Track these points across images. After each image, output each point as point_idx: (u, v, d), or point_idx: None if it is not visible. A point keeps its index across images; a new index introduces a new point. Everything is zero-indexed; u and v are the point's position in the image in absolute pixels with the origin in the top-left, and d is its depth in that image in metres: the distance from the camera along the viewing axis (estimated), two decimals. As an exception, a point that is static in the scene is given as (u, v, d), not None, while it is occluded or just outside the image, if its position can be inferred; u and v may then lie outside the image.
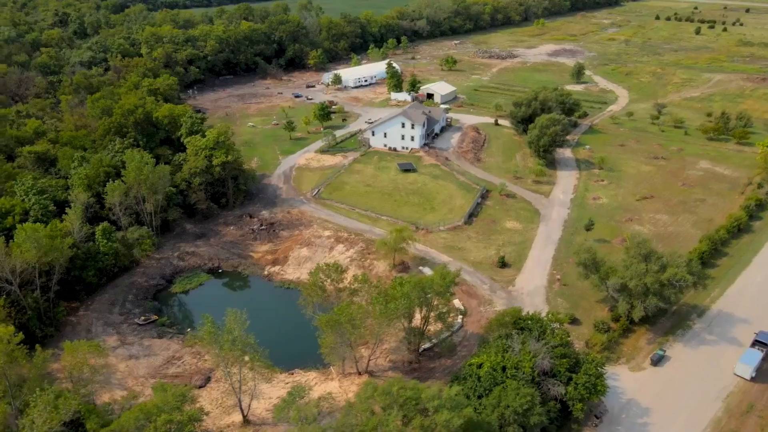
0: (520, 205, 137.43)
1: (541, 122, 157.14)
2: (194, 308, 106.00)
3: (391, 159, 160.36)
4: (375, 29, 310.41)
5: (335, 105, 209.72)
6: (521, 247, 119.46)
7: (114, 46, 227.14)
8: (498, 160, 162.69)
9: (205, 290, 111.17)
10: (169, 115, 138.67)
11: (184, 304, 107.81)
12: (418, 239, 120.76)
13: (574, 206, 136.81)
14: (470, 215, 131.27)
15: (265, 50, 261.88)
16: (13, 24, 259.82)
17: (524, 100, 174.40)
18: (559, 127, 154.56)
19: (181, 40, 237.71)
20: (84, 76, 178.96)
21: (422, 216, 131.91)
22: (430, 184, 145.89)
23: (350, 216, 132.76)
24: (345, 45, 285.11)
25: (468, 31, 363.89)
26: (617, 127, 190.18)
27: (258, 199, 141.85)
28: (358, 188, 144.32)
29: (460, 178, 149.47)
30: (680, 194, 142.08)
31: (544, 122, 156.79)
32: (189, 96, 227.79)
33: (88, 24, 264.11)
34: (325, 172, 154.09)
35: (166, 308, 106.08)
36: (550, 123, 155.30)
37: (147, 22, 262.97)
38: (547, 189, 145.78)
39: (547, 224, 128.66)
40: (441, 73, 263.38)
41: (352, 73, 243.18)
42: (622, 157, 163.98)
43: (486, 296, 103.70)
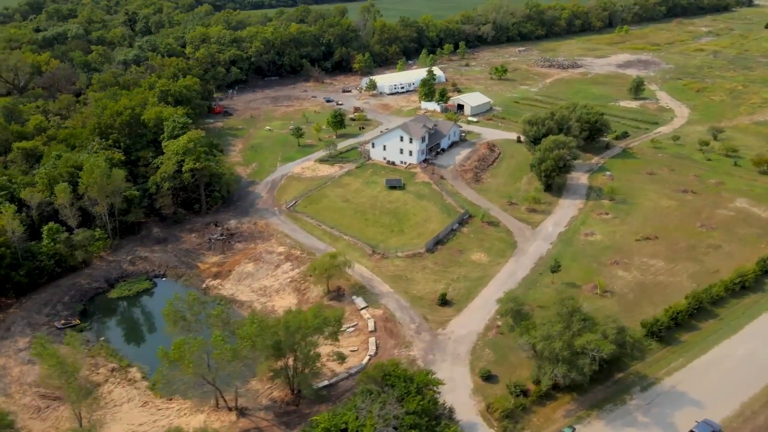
0: (500, 235, 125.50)
1: (546, 144, 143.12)
2: (120, 316, 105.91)
3: (384, 173, 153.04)
4: (433, 34, 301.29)
5: (360, 112, 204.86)
6: (476, 284, 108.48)
7: (162, 46, 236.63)
8: (500, 182, 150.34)
9: (140, 298, 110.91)
10: (156, 117, 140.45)
11: (113, 310, 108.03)
12: (367, 264, 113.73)
13: (559, 241, 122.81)
14: (437, 242, 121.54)
15: (312, 52, 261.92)
16: (88, 21, 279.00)
17: (537, 118, 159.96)
18: (564, 151, 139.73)
19: (227, 40, 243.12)
20: (113, 75, 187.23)
21: (387, 239, 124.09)
22: (410, 204, 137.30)
23: (313, 233, 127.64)
24: (396, 49, 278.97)
25: (539, 37, 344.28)
26: (656, 152, 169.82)
27: (234, 207, 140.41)
28: (335, 203, 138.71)
29: (447, 199, 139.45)
30: (693, 237, 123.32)
31: (548, 144, 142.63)
32: (227, 96, 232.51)
33: (152, 23, 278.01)
34: (312, 183, 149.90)
35: (98, 313, 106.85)
36: (554, 145, 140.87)
37: (202, 22, 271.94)
38: (539, 219, 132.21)
39: (518, 260, 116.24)
40: (489, 82, 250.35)
41: (388, 79, 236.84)
42: (645, 188, 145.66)
43: (407, 338, 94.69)
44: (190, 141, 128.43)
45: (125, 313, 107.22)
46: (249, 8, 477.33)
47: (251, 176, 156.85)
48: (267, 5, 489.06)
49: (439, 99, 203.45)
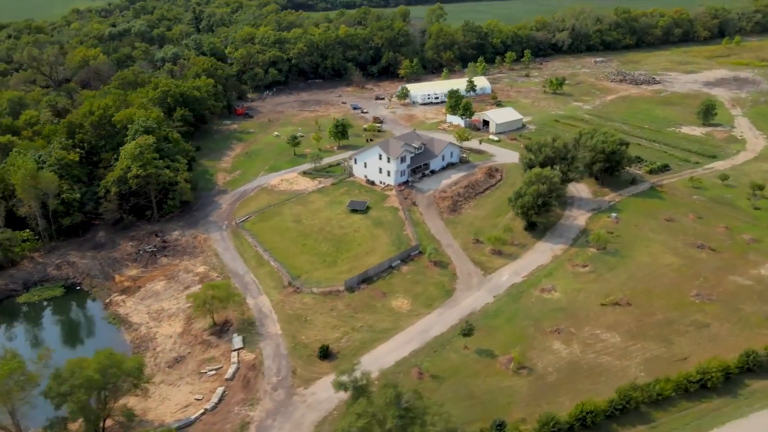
0: (441, 279, 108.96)
1: (527, 177, 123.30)
2: (14, 323, 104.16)
3: (357, 193, 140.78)
4: (496, 40, 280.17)
5: (375, 122, 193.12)
6: (376, 337, 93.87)
7: (206, 44, 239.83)
8: (481, 215, 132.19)
9: (44, 307, 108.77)
10: (125, 119, 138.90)
11: (13, 315, 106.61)
12: (274, 298, 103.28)
13: (505, 295, 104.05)
14: (364, 280, 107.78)
15: (359, 56, 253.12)
16: (159, 19, 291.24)
17: (535, 144, 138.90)
18: (544, 187, 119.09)
19: (270, 41, 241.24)
20: (134, 73, 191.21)
21: (314, 269, 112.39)
22: (362, 232, 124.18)
23: (243, 254, 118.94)
24: (451, 56, 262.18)
25: (627, 47, 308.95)
26: (692, 192, 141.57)
27: (189, 217, 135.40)
28: (284, 224, 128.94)
29: (406, 230, 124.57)
30: (677, 309, 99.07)
31: (529, 177, 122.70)
32: (261, 97, 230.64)
33: (214, 22, 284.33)
34: (280, 198, 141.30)
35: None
36: (536, 179, 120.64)
37: (255, 22, 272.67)
38: (498, 264, 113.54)
39: (444, 313, 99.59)
40: (540, 95, 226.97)
41: (422, 89, 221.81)
42: (651, 238, 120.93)
43: (259, 393, 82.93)
44: (136, 147, 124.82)
45: (21, 320, 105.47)
46: (340, 7, 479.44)
47: (227, 185, 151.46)
48: (357, 5, 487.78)
49: (463, 113, 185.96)
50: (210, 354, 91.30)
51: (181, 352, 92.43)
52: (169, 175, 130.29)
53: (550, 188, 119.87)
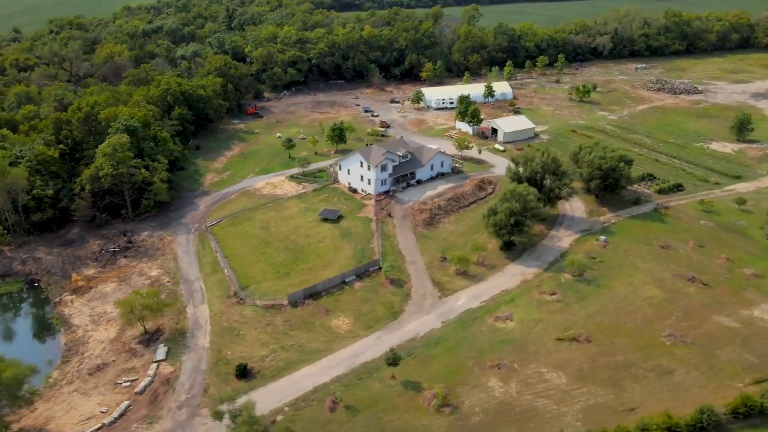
0: (393, 299, 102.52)
1: (501, 193, 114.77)
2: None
3: (336, 201, 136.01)
4: (529, 43, 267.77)
5: (377, 126, 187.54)
6: (303, 358, 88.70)
7: (227, 43, 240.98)
8: (458, 230, 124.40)
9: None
10: (110, 117, 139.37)
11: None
12: (216, 308, 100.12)
13: (455, 320, 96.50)
14: (311, 295, 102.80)
15: (382, 58, 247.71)
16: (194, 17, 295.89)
17: (521, 157, 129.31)
18: (517, 205, 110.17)
19: (292, 41, 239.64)
20: (145, 71, 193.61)
21: (265, 280, 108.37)
22: (326, 242, 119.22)
23: (202, 259, 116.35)
24: (479, 59, 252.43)
25: (676, 53, 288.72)
26: (699, 217, 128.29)
27: (164, 218, 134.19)
28: (252, 229, 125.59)
29: (373, 243, 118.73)
30: (642, 350, 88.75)
31: (503, 194, 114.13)
32: (278, 97, 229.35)
33: (244, 20, 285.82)
34: (259, 202, 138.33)
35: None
36: (509, 196, 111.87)
37: (282, 21, 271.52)
38: (459, 286, 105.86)
39: (382, 337, 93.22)
40: (565, 103, 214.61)
41: (437, 93, 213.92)
42: (637, 267, 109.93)
43: (164, 411, 79.44)
44: (109, 145, 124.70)
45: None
46: (387, 7, 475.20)
47: (212, 186, 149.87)
48: (406, 5, 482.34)
49: (470, 120, 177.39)
50: (132, 364, 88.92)
51: (105, 359, 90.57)
52: (144, 175, 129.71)
53: (524, 207, 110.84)
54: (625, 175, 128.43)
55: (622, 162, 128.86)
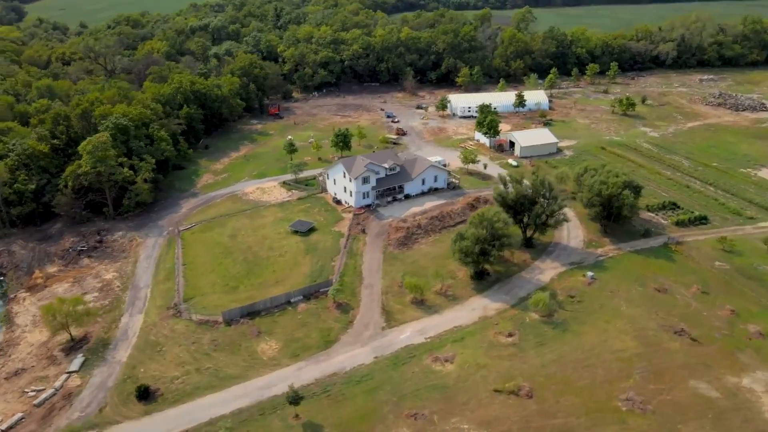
0: (333, 325, 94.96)
1: (472, 218, 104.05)
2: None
3: (317, 212, 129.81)
4: (581, 50, 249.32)
5: (403, 135, 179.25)
6: (213, 384, 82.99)
7: (263, 42, 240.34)
8: (433, 253, 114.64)
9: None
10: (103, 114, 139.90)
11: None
12: (150, 319, 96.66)
13: (389, 358, 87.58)
14: (249, 313, 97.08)
15: (418, 61, 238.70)
16: (245, 15, 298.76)
17: (509, 178, 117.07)
18: (484, 232, 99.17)
19: (327, 41, 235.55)
20: (168, 68, 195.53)
21: (212, 292, 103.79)
22: (288, 257, 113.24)
23: (160, 265, 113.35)
24: (522, 65, 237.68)
25: (752, 64, 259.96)
26: (715, 257, 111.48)
27: (144, 218, 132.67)
28: (220, 237, 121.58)
29: (334, 262, 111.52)
30: (589, 414, 76.40)
31: (472, 219, 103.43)
32: (307, 97, 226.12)
33: (290, 19, 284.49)
34: (240, 207, 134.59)
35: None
36: (479, 221, 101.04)
37: (323, 21, 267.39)
38: (410, 317, 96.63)
39: (305, 368, 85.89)
40: (605, 116, 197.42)
41: (464, 100, 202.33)
42: (622, 311, 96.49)
43: (49, 429, 76.36)
44: (89, 143, 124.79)
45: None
46: (452, 8, 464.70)
47: (204, 188, 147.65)
48: (472, 6, 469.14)
49: (486, 131, 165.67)
50: (46, 372, 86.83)
51: (27, 364, 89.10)
52: (125, 174, 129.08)
53: (493, 234, 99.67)
54: (628, 204, 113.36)
55: (626, 189, 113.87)
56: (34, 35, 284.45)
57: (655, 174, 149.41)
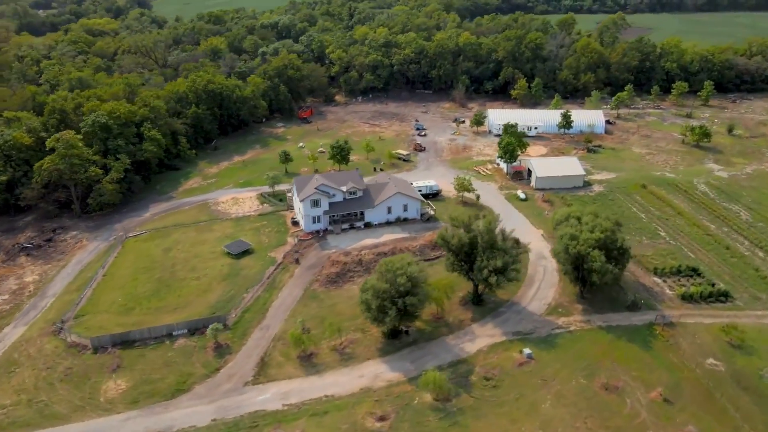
0: (197, 371, 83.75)
1: (378, 266, 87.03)
2: None
3: (268, 231, 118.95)
4: (671, 64, 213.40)
5: (421, 151, 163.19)
6: (32, 422, 75.39)
7: (314, 43, 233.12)
8: (357, 296, 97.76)
9: None
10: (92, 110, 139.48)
11: None
12: (22, 335, 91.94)
13: (227, 422, 74.56)
14: (123, 341, 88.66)
15: (474, 69, 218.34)
16: (323, 14, 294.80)
17: (460, 221, 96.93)
18: (385, 285, 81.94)
19: (379, 43, 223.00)
20: (202, 64, 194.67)
21: (106, 311, 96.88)
22: (202, 281, 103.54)
23: (83, 273, 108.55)
24: (593, 78, 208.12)
25: None
26: (710, 351, 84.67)
27: (106, 219, 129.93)
28: (155, 249, 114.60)
29: (247, 294, 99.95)
30: None
31: (379, 267, 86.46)
32: (350, 102, 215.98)
33: (362, 18, 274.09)
34: (201, 217, 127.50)
35: None
36: (384, 271, 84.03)
37: (383, 23, 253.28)
38: (284, 374, 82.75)
39: (132, 420, 75.58)
40: (670, 147, 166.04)
41: (501, 116, 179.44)
42: (540, 410, 75.60)
43: None
44: (53, 140, 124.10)
45: None
46: (563, 11, 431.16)
47: (183, 193, 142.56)
48: (585, 10, 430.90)
49: (502, 155, 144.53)
50: None
51: None
52: (90, 173, 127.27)
53: (397, 290, 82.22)
54: (598, 269, 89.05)
55: (599, 249, 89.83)
56: (129, 27, 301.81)
57: (693, 226, 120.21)
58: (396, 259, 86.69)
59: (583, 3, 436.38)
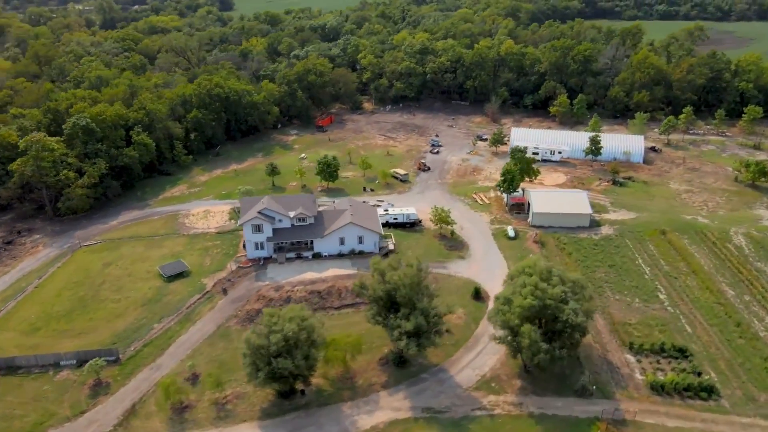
0: (58, 410, 76.84)
1: (264, 317, 75.50)
2: None
3: (217, 252, 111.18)
4: (747, 84, 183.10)
5: (425, 171, 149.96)
6: None
7: (350, 47, 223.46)
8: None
9: None
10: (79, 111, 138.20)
11: None
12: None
13: (57, 482, 66.73)
14: (8, 367, 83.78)
15: (514, 81, 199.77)
16: (378, 15, 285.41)
17: (379, 266, 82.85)
18: (263, 341, 70.40)
19: (415, 50, 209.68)
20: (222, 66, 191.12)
21: (12, 329, 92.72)
22: (120, 304, 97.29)
23: (16, 284, 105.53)
24: (647, 97, 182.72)
25: None
26: None
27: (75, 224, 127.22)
28: (95, 263, 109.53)
29: (159, 324, 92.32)
30: None
31: (264, 318, 74.97)
32: (376, 111, 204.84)
33: (413, 21, 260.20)
34: (163, 230, 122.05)
35: None
36: (266, 323, 72.47)
37: (428, 27, 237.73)
38: (145, 428, 73.68)
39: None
40: (720, 185, 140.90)
41: (523, 137, 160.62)
42: None
43: None
44: (23, 141, 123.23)
45: None
46: (656, 16, 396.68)
47: (162, 201, 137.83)
48: (682, 16, 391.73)
49: (500, 185, 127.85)
50: None
51: None
52: (61, 176, 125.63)
53: (279, 347, 70.62)
54: (527, 347, 72.41)
55: (528, 323, 72.99)
56: (191, 25, 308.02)
57: (705, 290, 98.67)
58: (270, 312, 75.03)
59: (679, 8, 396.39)
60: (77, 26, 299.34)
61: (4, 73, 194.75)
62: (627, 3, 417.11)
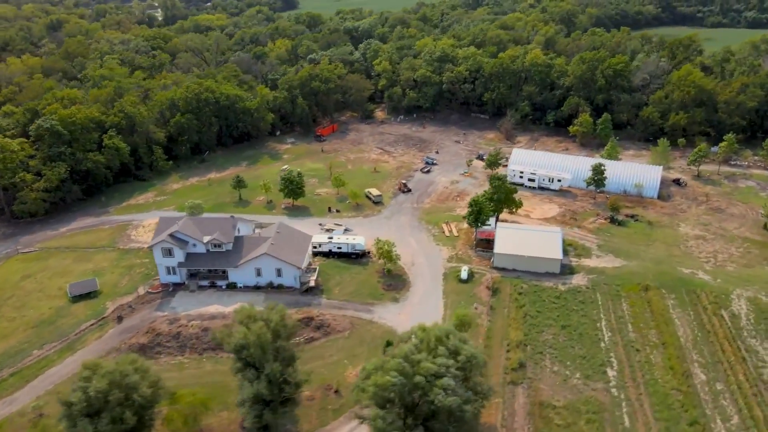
0: None
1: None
2: None
3: (139, 271, 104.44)
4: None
5: (407, 192, 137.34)
6: None
7: (369, 52, 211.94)
8: (147, 384, 79.86)
9: None
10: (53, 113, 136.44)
11: None
12: None
13: None
14: None
15: (536, 95, 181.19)
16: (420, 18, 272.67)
17: (244, 314, 71.10)
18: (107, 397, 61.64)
19: (434, 57, 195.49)
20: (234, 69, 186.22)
21: None
22: (15, 323, 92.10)
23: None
24: (684, 119, 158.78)
25: None
26: None
27: (27, 228, 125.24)
28: (14, 275, 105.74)
29: (38, 351, 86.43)
30: None
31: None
32: (387, 121, 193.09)
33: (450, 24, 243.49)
34: (97, 242, 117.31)
35: None
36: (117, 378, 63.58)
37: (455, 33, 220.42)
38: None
39: None
40: (741, 230, 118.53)
41: (522, 159, 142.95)
42: None
43: None
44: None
45: None
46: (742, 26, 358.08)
47: (124, 209, 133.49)
48: (764, 24, 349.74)
49: (468, 216, 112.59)
50: None
51: None
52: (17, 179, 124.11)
53: (90, 401, 61.76)
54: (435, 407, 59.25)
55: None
56: (236, 24, 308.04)
57: (668, 370, 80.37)
58: (125, 358, 66.19)
59: (762, 18, 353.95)
60: (128, 23, 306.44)
61: (27, 68, 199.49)
62: (711, 8, 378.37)
